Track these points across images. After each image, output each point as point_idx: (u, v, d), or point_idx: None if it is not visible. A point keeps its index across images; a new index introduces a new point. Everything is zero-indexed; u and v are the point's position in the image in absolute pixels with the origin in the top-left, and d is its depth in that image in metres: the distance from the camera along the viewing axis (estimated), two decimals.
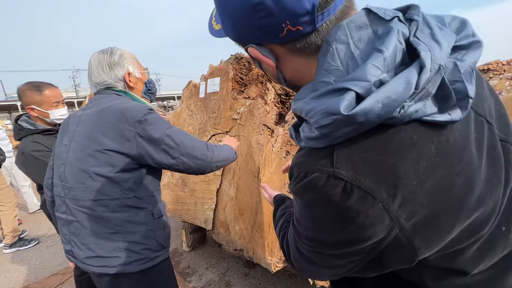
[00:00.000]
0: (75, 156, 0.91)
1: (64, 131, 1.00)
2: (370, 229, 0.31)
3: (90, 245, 0.90)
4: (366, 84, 0.29)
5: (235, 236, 1.70)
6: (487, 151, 0.33)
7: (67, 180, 0.92)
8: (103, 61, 0.98)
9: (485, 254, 0.35)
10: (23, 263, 2.60)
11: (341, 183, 0.31)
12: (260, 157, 1.55)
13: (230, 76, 1.77)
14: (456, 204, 0.31)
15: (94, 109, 0.94)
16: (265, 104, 1.56)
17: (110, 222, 0.90)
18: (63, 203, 0.94)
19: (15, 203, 2.98)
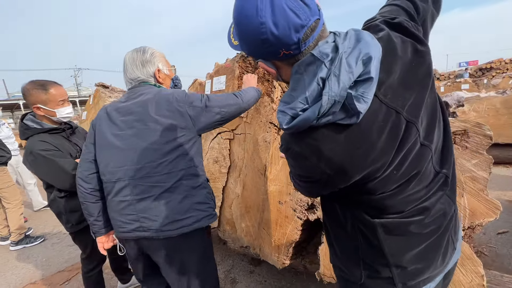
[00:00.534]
0: (140, 140, 1.04)
1: (107, 123, 1.10)
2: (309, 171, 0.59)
3: (166, 214, 1.04)
4: (295, 112, 0.53)
5: (241, 233, 1.71)
6: (388, 130, 0.54)
7: (135, 162, 1.03)
8: (136, 59, 1.12)
9: (383, 184, 0.59)
10: (30, 260, 2.62)
11: (295, 151, 0.58)
12: (266, 155, 1.56)
13: (236, 74, 1.77)
14: (357, 164, 0.55)
15: (140, 98, 1.08)
16: (271, 102, 1.57)
17: (180, 190, 1.06)
18: (127, 186, 1.05)
19: (21, 200, 3.01)
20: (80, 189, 1.13)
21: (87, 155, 1.14)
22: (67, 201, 1.52)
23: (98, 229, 1.18)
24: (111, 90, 3.46)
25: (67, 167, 1.44)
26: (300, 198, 1.40)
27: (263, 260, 2.16)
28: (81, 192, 1.13)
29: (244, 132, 1.73)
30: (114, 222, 1.12)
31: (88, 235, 1.63)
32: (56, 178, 1.46)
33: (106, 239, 1.22)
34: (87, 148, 1.14)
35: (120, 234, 1.12)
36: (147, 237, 1.07)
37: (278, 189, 1.49)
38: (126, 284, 2.02)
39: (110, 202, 1.11)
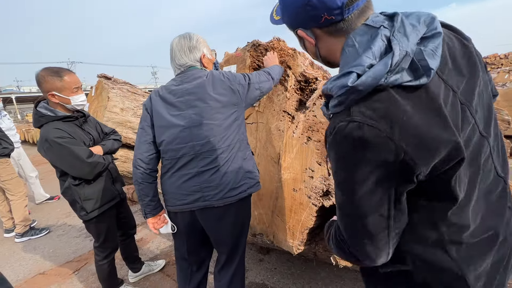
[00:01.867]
0: (202, 117, 1.15)
1: (163, 105, 1.19)
2: (381, 153, 0.47)
3: (226, 182, 1.17)
4: (362, 68, 0.47)
5: (254, 221, 1.73)
6: (450, 106, 0.50)
7: (200, 138, 1.15)
8: (184, 46, 1.20)
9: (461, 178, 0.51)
10: (36, 252, 2.62)
11: (356, 124, 0.47)
12: (280, 143, 1.57)
13: (247, 63, 1.77)
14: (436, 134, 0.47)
15: (196, 81, 1.18)
16: (285, 91, 1.58)
17: (236, 160, 1.19)
18: (192, 159, 1.16)
19: (25, 192, 2.99)
20: (140, 169, 1.19)
21: (145, 137, 1.21)
22: (82, 188, 1.54)
23: (151, 210, 1.24)
24: (113, 81, 3.42)
25: (82, 154, 1.45)
26: (315, 185, 1.42)
27: (272, 249, 2.20)
28: (141, 173, 1.19)
29: (256, 121, 1.74)
30: (172, 196, 1.21)
31: (102, 223, 1.64)
32: (71, 165, 1.46)
33: (157, 220, 1.27)
34: (145, 131, 1.22)
35: (177, 207, 1.21)
36: (207, 206, 1.18)
37: (293, 176, 1.51)
38: (138, 273, 2.04)
39: (168, 178, 1.21)
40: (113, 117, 3.05)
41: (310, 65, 1.67)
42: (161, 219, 1.28)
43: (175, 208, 1.23)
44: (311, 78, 1.53)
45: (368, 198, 0.49)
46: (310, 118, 1.46)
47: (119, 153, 3.11)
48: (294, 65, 1.58)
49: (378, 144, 0.46)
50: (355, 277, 1.83)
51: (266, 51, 1.76)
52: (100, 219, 1.62)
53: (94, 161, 1.49)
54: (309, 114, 1.47)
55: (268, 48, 1.73)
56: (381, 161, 0.47)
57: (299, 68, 1.56)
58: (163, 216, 1.29)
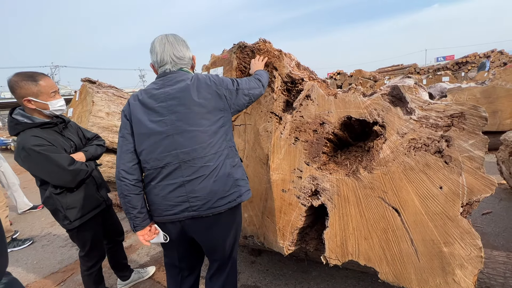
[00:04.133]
0: (186, 124, 1.08)
1: (143, 111, 1.11)
2: None
3: (214, 191, 1.10)
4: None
5: (244, 223, 1.72)
6: None
7: (184, 146, 1.08)
8: (180, 40, 1.16)
9: None
10: (19, 264, 2.52)
11: None
12: (268, 144, 1.57)
13: (234, 65, 1.76)
14: None
15: (179, 85, 1.11)
16: (272, 92, 1.58)
17: (225, 168, 1.13)
18: (177, 168, 1.09)
19: (6, 202, 2.87)
20: (125, 181, 1.10)
21: (127, 146, 1.12)
22: (64, 197, 1.48)
23: (140, 222, 1.15)
24: (98, 85, 3.33)
25: (63, 162, 1.40)
26: (303, 185, 1.43)
27: (263, 251, 2.19)
28: (126, 184, 1.10)
29: (244, 123, 1.74)
30: (157, 207, 1.14)
31: (87, 232, 1.59)
32: (51, 174, 1.40)
33: (147, 231, 1.18)
34: (126, 139, 1.13)
35: (164, 217, 1.14)
36: (195, 216, 1.12)
37: (281, 177, 1.51)
38: (127, 281, 1.99)
39: (153, 188, 1.13)
40: (98, 122, 2.97)
41: (296, 66, 1.68)
42: (151, 230, 1.19)
43: (162, 219, 1.16)
44: (298, 79, 1.54)
45: None
46: (297, 118, 1.47)
47: (106, 158, 3.03)
48: (280, 66, 1.59)
49: None
50: (345, 275, 1.85)
51: (253, 52, 1.76)
52: (85, 228, 1.57)
53: (76, 169, 1.44)
54: (296, 114, 1.48)
55: (254, 49, 1.73)
56: None
57: (285, 69, 1.57)
58: (153, 227, 1.20)
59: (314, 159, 1.41)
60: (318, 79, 1.66)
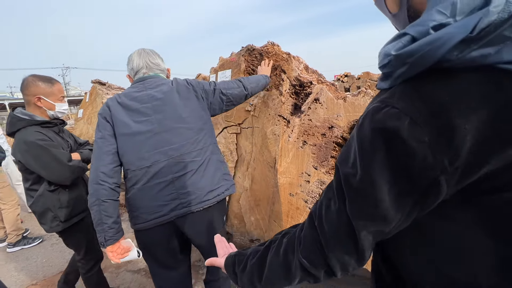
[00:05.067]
0: (173, 121, 1.12)
1: (125, 113, 1.12)
2: (411, 160, 0.33)
3: (203, 185, 1.13)
4: (422, 29, 0.32)
5: (251, 226, 1.71)
6: None
7: (172, 142, 1.10)
8: (156, 53, 1.24)
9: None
10: (29, 261, 2.56)
11: (396, 112, 0.34)
12: (276, 148, 1.56)
13: (242, 68, 1.77)
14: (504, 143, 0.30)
15: (160, 88, 1.15)
16: (280, 95, 1.57)
17: (213, 162, 1.18)
18: (166, 166, 1.09)
19: (18, 201, 2.93)
20: (104, 185, 1.04)
21: (108, 147, 1.08)
22: (58, 195, 1.47)
23: (114, 234, 1.06)
24: (108, 87, 3.39)
25: (62, 157, 1.42)
26: (311, 189, 1.41)
27: None
28: (105, 188, 1.04)
29: (251, 126, 1.73)
30: (144, 211, 1.09)
31: (80, 233, 1.57)
32: (50, 168, 1.40)
33: (118, 247, 1.09)
34: (107, 140, 1.08)
35: (151, 221, 1.09)
36: (186, 213, 1.11)
37: (289, 181, 1.50)
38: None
39: (138, 191, 1.09)
40: None
41: (304, 69, 1.67)
42: (124, 247, 1.11)
43: (147, 224, 1.09)
44: (306, 82, 1.53)
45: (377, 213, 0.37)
46: (305, 122, 1.46)
47: None
48: (288, 69, 1.58)
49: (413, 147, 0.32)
50: (353, 282, 1.82)
51: (261, 55, 1.76)
52: (76, 229, 1.55)
53: (74, 165, 1.46)
54: (304, 118, 1.47)
55: (262, 52, 1.73)
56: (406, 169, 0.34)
57: (294, 72, 1.56)
58: (125, 242, 1.12)
59: (322, 163, 1.40)
60: (326, 82, 1.65)
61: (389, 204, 0.36)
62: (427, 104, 0.32)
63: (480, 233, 0.35)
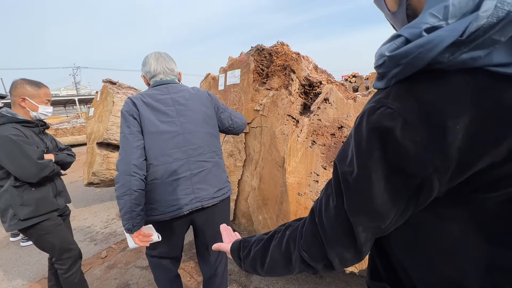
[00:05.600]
0: (195, 125, 1.26)
1: (151, 112, 1.21)
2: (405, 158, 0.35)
3: (214, 183, 1.29)
4: (415, 31, 0.34)
5: (258, 226, 1.72)
6: None
7: (192, 143, 1.25)
8: (170, 57, 1.33)
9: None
10: (42, 255, 2.63)
11: (390, 112, 0.35)
12: (285, 147, 1.57)
13: (251, 68, 1.78)
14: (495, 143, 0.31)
15: (183, 93, 1.28)
16: (289, 95, 1.58)
17: (221, 165, 1.35)
18: (185, 163, 1.23)
19: None
20: (136, 176, 1.12)
21: (137, 142, 1.15)
22: (22, 192, 1.46)
23: (140, 220, 1.15)
24: (118, 86, 3.45)
25: (33, 154, 1.44)
26: (320, 189, 1.41)
27: None
28: (137, 179, 1.12)
29: (260, 125, 1.74)
30: (161, 204, 1.19)
31: (47, 231, 1.52)
32: (18, 163, 1.41)
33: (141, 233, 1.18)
34: (136, 136, 1.16)
35: (167, 214, 1.20)
36: (198, 207, 1.25)
37: (297, 181, 1.50)
38: None
39: (159, 185, 1.19)
40: (117, 121, 3.07)
41: (314, 69, 1.67)
42: (146, 234, 1.20)
43: (164, 216, 1.20)
44: (315, 82, 1.53)
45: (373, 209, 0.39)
46: (314, 122, 1.46)
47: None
48: (298, 69, 1.58)
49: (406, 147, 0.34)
50: (361, 283, 1.81)
51: (270, 55, 1.77)
52: (44, 230, 1.52)
53: (43, 163, 1.47)
54: (313, 118, 1.47)
55: (272, 52, 1.74)
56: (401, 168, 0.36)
57: (303, 72, 1.56)
58: (148, 227, 1.22)
59: (331, 163, 1.39)
60: (336, 82, 1.64)
61: (384, 200, 0.38)
62: (419, 104, 0.34)
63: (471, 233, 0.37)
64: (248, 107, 1.79)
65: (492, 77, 0.32)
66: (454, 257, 0.39)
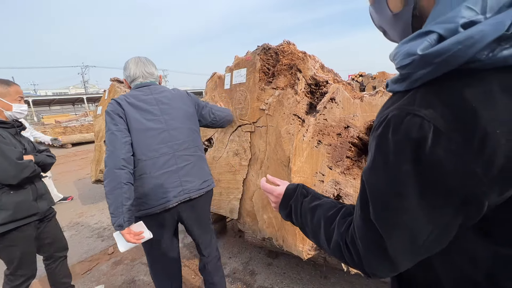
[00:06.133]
0: (179, 122, 1.36)
1: (136, 111, 1.28)
2: (440, 172, 0.31)
3: (199, 175, 1.39)
4: (451, 26, 0.31)
5: (263, 225, 1.72)
6: None
7: (177, 139, 1.34)
8: (150, 61, 1.42)
9: None
10: None
11: (419, 120, 0.32)
12: (290, 147, 1.56)
13: (257, 67, 1.77)
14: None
15: (165, 93, 1.38)
16: (295, 94, 1.57)
17: (203, 158, 1.46)
18: (171, 157, 1.31)
19: None
20: (125, 170, 1.15)
21: (125, 139, 1.20)
22: (1, 195, 1.40)
23: (130, 216, 1.15)
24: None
25: (11, 154, 1.40)
26: (325, 189, 1.41)
27: (281, 253, 2.18)
28: (126, 172, 1.15)
29: (265, 124, 1.74)
30: (150, 198, 1.25)
31: (14, 246, 1.47)
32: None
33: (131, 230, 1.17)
34: (123, 133, 1.20)
35: (156, 207, 1.25)
36: (186, 199, 1.33)
37: (303, 180, 1.50)
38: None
39: (147, 179, 1.25)
40: None
41: (320, 68, 1.66)
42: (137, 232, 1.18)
43: (154, 209, 1.25)
44: (322, 81, 1.52)
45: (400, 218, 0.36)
46: (320, 121, 1.45)
47: None
48: (304, 68, 1.57)
49: (441, 162, 0.31)
50: (366, 284, 1.79)
51: (276, 54, 1.77)
52: (12, 240, 1.45)
53: (23, 164, 1.42)
54: (319, 117, 1.46)
55: (278, 51, 1.73)
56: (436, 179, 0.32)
57: (310, 71, 1.55)
58: (138, 224, 1.21)
59: (337, 163, 1.38)
60: (343, 81, 1.63)
61: (417, 215, 0.35)
62: (452, 109, 0.30)
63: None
64: (254, 106, 1.79)
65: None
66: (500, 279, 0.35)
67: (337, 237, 0.47)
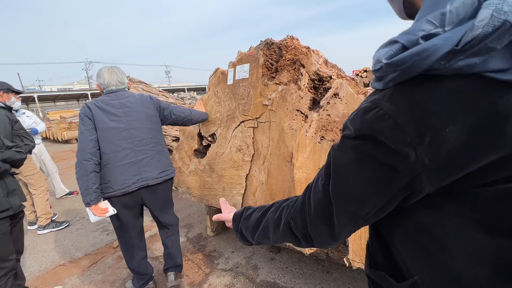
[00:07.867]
0: (139, 122, 1.64)
1: (103, 113, 1.57)
2: (393, 157, 0.37)
3: (158, 166, 1.69)
4: (412, 38, 0.35)
5: None
6: None
7: (137, 136, 1.62)
8: (121, 71, 1.72)
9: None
10: (57, 244, 2.74)
11: (381, 113, 0.37)
12: (293, 142, 1.56)
13: (260, 62, 1.76)
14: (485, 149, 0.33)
15: (130, 98, 1.66)
16: (298, 90, 1.56)
17: (163, 152, 1.75)
18: (131, 151, 1.60)
19: (47, 187, 3.13)
20: (90, 161, 1.46)
21: (91, 136, 1.50)
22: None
23: (97, 196, 1.47)
24: (129, 80, 3.50)
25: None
26: None
27: (283, 248, 2.19)
28: (92, 164, 1.46)
29: (268, 120, 1.73)
30: (114, 183, 1.54)
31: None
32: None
33: (98, 207, 1.48)
34: (89, 131, 1.51)
35: (119, 190, 1.55)
36: (144, 185, 1.63)
37: (305, 176, 1.50)
38: None
39: (111, 168, 1.54)
40: None
41: (324, 63, 1.65)
42: (103, 209, 1.50)
43: (117, 192, 1.55)
44: (325, 76, 1.51)
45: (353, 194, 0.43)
46: (324, 117, 1.45)
47: None
48: (307, 64, 1.56)
49: (396, 150, 0.36)
50: None
51: (279, 49, 1.75)
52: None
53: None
54: (323, 113, 1.45)
55: (281, 46, 1.72)
56: (388, 165, 0.38)
57: (313, 66, 1.54)
58: (104, 203, 1.52)
59: None
60: (346, 77, 1.62)
61: (366, 189, 0.41)
62: (411, 106, 0.35)
63: (466, 226, 0.37)
64: (257, 101, 1.79)
65: (488, 83, 0.32)
66: (452, 250, 0.39)
67: (286, 215, 0.56)
